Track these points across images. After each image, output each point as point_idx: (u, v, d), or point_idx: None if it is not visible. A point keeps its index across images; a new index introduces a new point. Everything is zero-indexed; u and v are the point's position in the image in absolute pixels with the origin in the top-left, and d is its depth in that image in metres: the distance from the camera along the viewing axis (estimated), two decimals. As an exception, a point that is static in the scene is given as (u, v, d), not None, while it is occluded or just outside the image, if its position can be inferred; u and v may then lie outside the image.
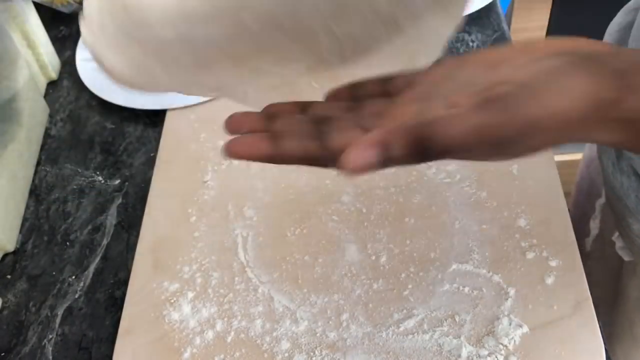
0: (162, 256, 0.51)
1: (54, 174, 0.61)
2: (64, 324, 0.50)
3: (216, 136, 0.60)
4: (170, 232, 0.53)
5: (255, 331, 0.46)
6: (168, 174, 0.57)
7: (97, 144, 0.63)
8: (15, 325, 0.50)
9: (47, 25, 0.70)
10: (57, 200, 0.59)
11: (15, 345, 0.49)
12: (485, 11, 0.70)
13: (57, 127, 0.66)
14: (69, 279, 0.52)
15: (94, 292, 0.51)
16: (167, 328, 0.47)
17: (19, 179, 0.58)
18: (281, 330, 0.46)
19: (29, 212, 0.58)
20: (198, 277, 0.49)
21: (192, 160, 0.58)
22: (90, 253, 0.54)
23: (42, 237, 0.56)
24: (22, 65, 0.61)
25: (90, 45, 0.30)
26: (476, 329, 0.44)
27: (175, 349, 0.45)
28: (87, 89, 0.67)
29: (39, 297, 0.51)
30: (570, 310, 0.45)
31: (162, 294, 0.48)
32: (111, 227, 0.56)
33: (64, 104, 0.68)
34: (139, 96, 0.65)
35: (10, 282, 0.53)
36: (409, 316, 0.45)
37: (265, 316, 0.46)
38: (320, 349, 0.44)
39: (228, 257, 0.50)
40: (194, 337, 0.46)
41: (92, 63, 0.70)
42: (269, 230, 0.52)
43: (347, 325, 0.45)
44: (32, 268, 0.54)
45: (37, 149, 0.63)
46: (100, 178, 0.60)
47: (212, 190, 0.55)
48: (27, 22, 0.65)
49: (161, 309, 0.48)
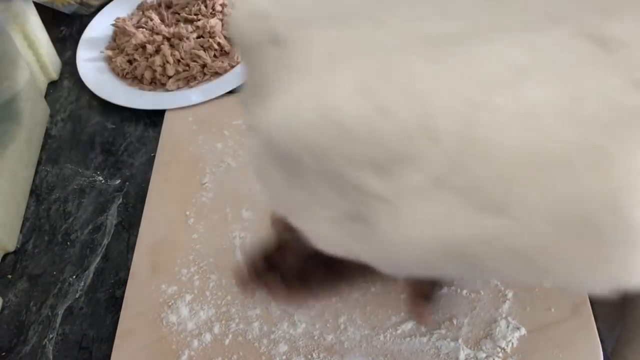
0: (160, 258, 0.51)
1: (54, 174, 0.61)
2: (65, 323, 0.50)
3: (214, 138, 0.60)
4: (168, 235, 0.53)
5: (253, 334, 0.46)
6: (166, 176, 0.58)
7: (97, 144, 0.64)
8: (16, 325, 0.50)
9: (48, 25, 0.70)
10: (58, 200, 0.59)
11: (16, 344, 0.49)
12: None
13: (57, 127, 0.66)
14: (70, 279, 0.53)
15: (95, 292, 0.52)
16: (165, 331, 0.47)
17: (20, 179, 0.59)
18: (279, 333, 0.46)
19: (29, 212, 0.58)
20: (196, 279, 0.49)
21: (190, 163, 0.58)
22: (90, 253, 0.54)
23: (42, 237, 0.56)
24: (22, 65, 0.61)
25: None
26: (474, 332, 0.44)
27: (173, 351, 0.45)
28: (88, 89, 0.67)
29: (40, 296, 0.52)
30: (568, 313, 0.44)
31: (160, 296, 0.49)
32: (111, 227, 0.56)
33: (65, 104, 0.68)
34: (139, 96, 0.66)
35: (11, 282, 0.53)
36: (407, 319, 0.45)
37: (263, 319, 0.46)
38: (317, 352, 0.44)
39: (226, 259, 0.50)
40: (191, 339, 0.46)
41: (92, 63, 0.70)
42: (267, 232, 0.52)
43: (345, 328, 0.45)
44: (32, 268, 0.54)
45: (37, 149, 0.63)
46: (101, 178, 0.60)
47: (210, 193, 0.55)
48: (27, 22, 0.65)
49: (159, 311, 0.48)
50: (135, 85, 0.68)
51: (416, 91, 0.19)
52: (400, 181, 0.19)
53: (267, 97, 0.23)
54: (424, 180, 0.19)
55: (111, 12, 0.76)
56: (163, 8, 0.74)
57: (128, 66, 0.68)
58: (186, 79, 0.67)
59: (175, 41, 0.68)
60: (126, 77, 0.68)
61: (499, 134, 0.18)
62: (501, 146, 0.18)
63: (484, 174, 0.18)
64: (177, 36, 0.68)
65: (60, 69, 0.72)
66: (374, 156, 0.19)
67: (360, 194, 0.20)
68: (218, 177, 0.57)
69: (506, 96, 0.18)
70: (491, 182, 0.18)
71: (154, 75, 0.67)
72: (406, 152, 0.19)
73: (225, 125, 0.61)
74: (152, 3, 0.76)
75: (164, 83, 0.67)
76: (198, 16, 0.71)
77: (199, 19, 0.70)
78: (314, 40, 0.22)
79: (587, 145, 0.18)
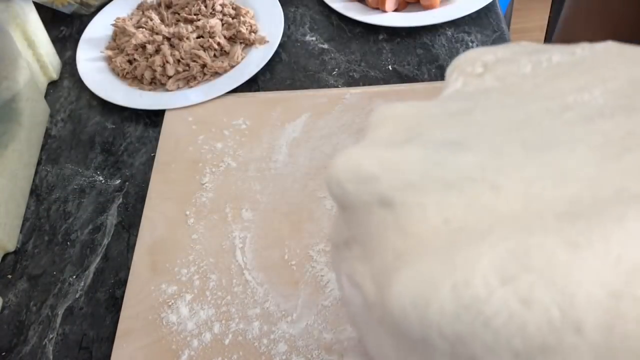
0: (160, 258, 0.51)
1: (54, 173, 0.61)
2: (65, 323, 0.50)
3: (214, 138, 0.60)
4: (168, 235, 0.53)
5: (253, 333, 0.46)
6: (166, 176, 0.58)
7: (97, 143, 0.64)
8: (16, 325, 0.50)
9: (48, 25, 0.70)
10: (58, 200, 0.59)
11: (16, 345, 0.49)
12: (484, 11, 0.70)
13: (57, 127, 0.66)
14: (70, 279, 0.53)
15: (95, 292, 0.52)
16: (165, 330, 0.47)
17: (20, 178, 0.59)
18: (279, 333, 0.46)
19: (29, 212, 0.58)
20: (196, 279, 0.50)
21: (190, 162, 0.58)
22: (90, 253, 0.54)
23: (42, 237, 0.56)
24: (22, 65, 0.62)
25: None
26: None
27: (173, 351, 0.46)
28: (88, 89, 0.67)
29: (40, 296, 0.52)
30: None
31: (160, 296, 0.49)
32: (112, 227, 0.56)
33: (65, 104, 0.68)
34: (139, 96, 0.66)
35: (11, 282, 0.53)
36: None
37: (262, 318, 0.47)
38: (317, 351, 0.45)
39: (226, 259, 0.51)
40: (191, 339, 0.46)
41: (92, 63, 0.70)
42: (267, 232, 0.52)
43: (345, 328, 0.46)
44: (32, 268, 0.54)
45: (37, 149, 0.63)
46: (101, 178, 0.60)
47: (210, 192, 0.56)
48: (27, 22, 0.65)
49: (159, 311, 0.48)
50: (135, 85, 0.68)
51: (558, 280, 0.18)
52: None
53: (380, 262, 0.22)
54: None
55: (111, 12, 0.76)
56: (163, 8, 0.74)
57: (128, 66, 0.68)
58: (186, 79, 0.67)
59: (175, 41, 0.68)
60: (126, 77, 0.68)
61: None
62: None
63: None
64: (177, 36, 0.68)
65: (60, 69, 0.72)
66: (516, 345, 0.18)
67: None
68: (218, 177, 0.57)
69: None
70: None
71: (154, 75, 0.67)
72: (550, 343, 0.18)
73: (225, 125, 0.61)
74: (152, 3, 0.76)
75: (164, 83, 0.67)
76: (198, 16, 0.71)
77: (199, 18, 0.70)
78: (427, 205, 0.21)
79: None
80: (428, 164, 0.22)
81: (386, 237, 0.22)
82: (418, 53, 0.68)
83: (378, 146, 0.24)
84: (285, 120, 0.61)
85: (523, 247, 0.19)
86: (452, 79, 0.28)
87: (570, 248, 0.18)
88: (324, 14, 0.75)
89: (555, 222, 0.19)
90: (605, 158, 0.21)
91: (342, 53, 0.69)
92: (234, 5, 0.73)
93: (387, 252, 0.22)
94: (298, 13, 0.76)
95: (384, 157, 0.23)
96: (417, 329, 0.20)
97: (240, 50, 0.68)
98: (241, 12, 0.71)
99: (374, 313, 0.22)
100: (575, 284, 0.18)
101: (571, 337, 0.18)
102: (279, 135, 0.60)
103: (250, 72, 0.66)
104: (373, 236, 0.23)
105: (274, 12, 0.73)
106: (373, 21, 0.70)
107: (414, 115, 0.26)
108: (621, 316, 0.17)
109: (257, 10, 0.73)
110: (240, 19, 0.70)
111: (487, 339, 0.19)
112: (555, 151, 0.22)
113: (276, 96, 0.64)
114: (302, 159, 0.57)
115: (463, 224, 0.20)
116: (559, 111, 0.23)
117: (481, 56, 0.28)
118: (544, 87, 0.25)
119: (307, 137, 0.59)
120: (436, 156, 0.23)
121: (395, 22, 0.70)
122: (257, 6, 0.74)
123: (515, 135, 0.23)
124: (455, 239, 0.20)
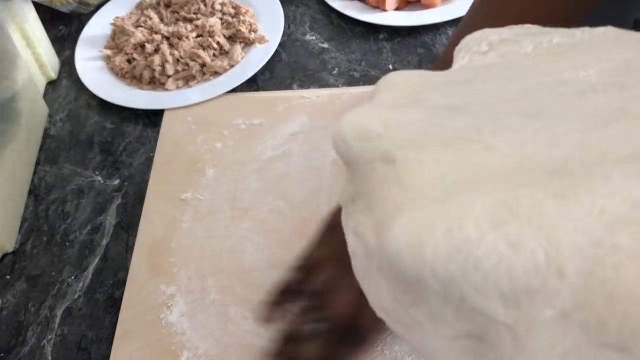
0: (159, 259, 0.51)
1: (53, 174, 0.61)
2: (63, 324, 0.50)
3: (213, 138, 0.60)
4: (167, 235, 0.53)
5: (253, 334, 0.46)
6: (165, 176, 0.57)
7: (96, 143, 0.63)
8: (15, 326, 0.50)
9: (47, 24, 0.70)
10: (57, 201, 0.59)
11: (15, 345, 0.49)
12: (486, 10, 0.69)
13: (56, 127, 0.66)
14: (68, 280, 0.53)
15: (93, 293, 0.51)
16: (164, 332, 0.47)
17: (18, 178, 0.58)
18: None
19: (28, 212, 0.58)
20: (195, 280, 0.49)
21: (189, 162, 0.58)
22: (89, 253, 0.54)
23: (41, 238, 0.56)
24: (21, 65, 0.61)
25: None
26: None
27: (172, 352, 0.45)
28: (87, 88, 0.67)
29: (38, 297, 0.52)
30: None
31: (159, 297, 0.49)
32: (110, 227, 0.56)
33: (63, 104, 0.68)
34: (138, 96, 0.66)
35: (10, 283, 0.53)
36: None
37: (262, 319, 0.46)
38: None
39: (226, 259, 0.50)
40: (190, 340, 0.46)
41: (91, 62, 0.70)
42: (266, 232, 0.52)
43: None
44: (31, 268, 0.54)
45: (36, 148, 0.63)
46: (100, 178, 0.60)
47: (209, 193, 0.55)
48: (26, 21, 0.65)
49: (158, 312, 0.48)
50: (134, 84, 0.67)
51: (545, 227, 0.19)
52: (526, 311, 0.20)
53: (380, 212, 0.23)
54: (550, 313, 0.19)
55: (110, 11, 0.76)
56: (162, 7, 0.74)
57: (127, 65, 0.68)
58: (185, 79, 0.67)
59: (175, 40, 0.67)
60: (125, 76, 0.68)
61: (622, 274, 0.18)
62: (625, 286, 0.18)
63: (608, 312, 0.19)
64: (176, 35, 0.68)
65: (59, 69, 0.71)
66: (503, 286, 0.20)
67: (485, 318, 0.20)
68: (217, 177, 0.56)
69: (628, 235, 0.19)
70: (615, 321, 0.19)
71: (153, 75, 0.66)
72: (534, 285, 0.19)
73: (225, 124, 0.61)
74: (151, 2, 0.75)
75: (163, 82, 0.66)
76: (197, 15, 0.71)
77: (198, 18, 0.70)
78: (426, 161, 0.23)
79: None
80: (428, 125, 0.24)
81: (387, 190, 0.23)
82: (419, 52, 0.68)
83: (383, 108, 0.26)
84: (285, 120, 0.60)
85: (514, 196, 0.20)
86: (459, 57, 0.31)
87: (558, 199, 0.20)
88: (324, 13, 0.75)
89: (545, 177, 0.21)
90: (595, 127, 0.22)
91: (343, 52, 0.69)
92: (234, 4, 0.72)
93: (388, 204, 0.23)
94: (298, 12, 0.76)
95: (388, 117, 0.25)
96: (412, 269, 0.21)
97: (239, 49, 0.68)
98: (241, 11, 0.71)
99: (373, 260, 0.24)
100: (561, 231, 0.19)
101: (554, 280, 0.19)
102: (278, 135, 0.59)
103: (249, 72, 0.65)
104: (375, 190, 0.24)
105: (274, 11, 0.72)
106: (373, 20, 0.70)
107: (419, 82, 0.28)
108: (600, 262, 0.19)
109: (257, 9, 0.73)
110: (240, 18, 0.70)
111: (477, 279, 0.20)
112: (549, 119, 0.23)
113: (276, 96, 0.64)
114: (302, 159, 0.57)
115: (458, 178, 0.22)
116: (554, 85, 0.25)
117: (487, 36, 0.30)
118: (543, 64, 0.27)
119: (307, 137, 0.59)
120: (436, 118, 0.25)
121: (395, 21, 0.69)
122: (257, 5, 0.74)
123: (512, 104, 0.25)
124: (450, 190, 0.22)
